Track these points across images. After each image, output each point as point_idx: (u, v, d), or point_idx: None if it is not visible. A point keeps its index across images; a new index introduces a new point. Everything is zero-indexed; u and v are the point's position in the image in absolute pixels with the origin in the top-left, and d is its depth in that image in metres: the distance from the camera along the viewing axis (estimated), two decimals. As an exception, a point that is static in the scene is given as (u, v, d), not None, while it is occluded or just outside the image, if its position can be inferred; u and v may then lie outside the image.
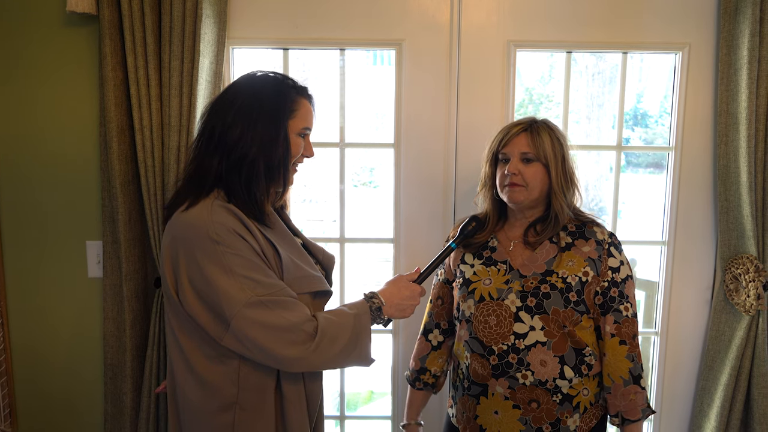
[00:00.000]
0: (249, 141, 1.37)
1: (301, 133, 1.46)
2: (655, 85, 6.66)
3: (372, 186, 6.18)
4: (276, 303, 1.30)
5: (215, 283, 1.28)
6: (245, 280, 1.29)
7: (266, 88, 1.43)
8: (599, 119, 6.93)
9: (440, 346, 1.87)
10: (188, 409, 1.41)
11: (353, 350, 1.38)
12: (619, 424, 1.66)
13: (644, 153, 5.02)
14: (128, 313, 2.10)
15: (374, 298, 1.48)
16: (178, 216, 1.36)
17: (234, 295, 1.28)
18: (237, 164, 1.38)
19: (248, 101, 1.39)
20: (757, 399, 2.12)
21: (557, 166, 1.64)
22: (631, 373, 1.63)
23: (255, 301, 1.28)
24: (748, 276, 2.07)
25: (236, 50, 2.19)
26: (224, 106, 1.41)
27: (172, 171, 2.00)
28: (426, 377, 1.88)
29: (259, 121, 1.38)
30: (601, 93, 7.04)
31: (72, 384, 2.28)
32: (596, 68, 6.78)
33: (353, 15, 2.12)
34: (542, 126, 1.66)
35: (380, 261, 5.20)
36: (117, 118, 2.00)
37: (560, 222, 1.67)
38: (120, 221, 2.04)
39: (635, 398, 1.63)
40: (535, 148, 1.63)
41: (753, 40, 1.97)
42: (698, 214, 2.22)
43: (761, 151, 2.02)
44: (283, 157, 1.42)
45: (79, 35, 2.09)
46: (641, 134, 5.40)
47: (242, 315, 1.28)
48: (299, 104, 1.45)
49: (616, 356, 1.63)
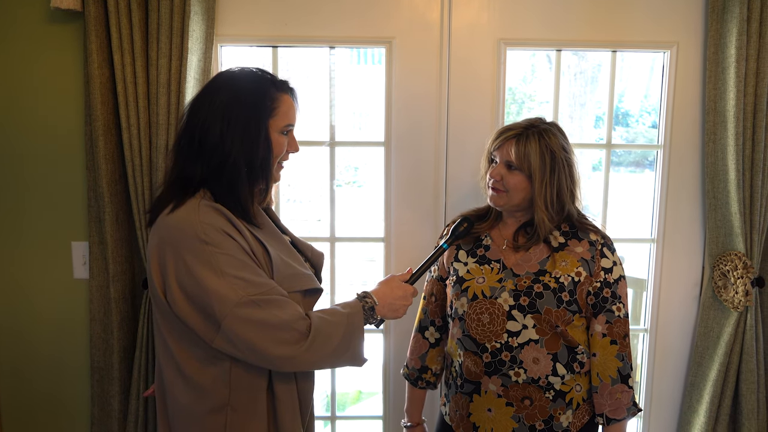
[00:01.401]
0: (229, 143, 1.34)
1: (283, 130, 1.43)
2: (636, 85, 6.73)
3: (356, 185, 6.17)
4: (268, 302, 1.28)
5: (205, 284, 1.26)
6: (236, 279, 1.27)
7: (245, 86, 1.39)
8: (581, 118, 6.98)
9: (438, 343, 1.86)
10: (178, 412, 1.38)
11: (346, 350, 1.37)
12: (604, 423, 1.66)
13: (625, 152, 5.07)
14: (115, 315, 2.06)
15: (367, 298, 1.47)
16: (164, 218, 1.33)
17: (225, 295, 1.26)
18: (218, 168, 1.35)
19: (226, 101, 1.36)
20: (745, 394, 2.14)
21: (543, 178, 1.60)
22: (619, 373, 1.63)
23: (247, 300, 1.26)
24: (736, 273, 2.09)
25: (224, 48, 2.16)
26: (202, 108, 1.37)
27: (160, 170, 1.97)
28: (428, 376, 1.87)
29: (239, 123, 1.35)
30: (583, 92, 7.09)
31: (58, 387, 2.23)
32: (578, 68, 6.83)
33: (343, 12, 2.11)
34: (534, 134, 1.61)
35: (366, 261, 5.20)
36: (103, 117, 1.97)
37: (540, 235, 1.65)
38: (107, 221, 2.01)
39: (621, 397, 1.63)
40: (519, 158, 1.61)
41: (741, 39, 1.99)
42: (686, 212, 2.24)
43: (749, 149, 2.05)
44: (264, 158, 1.39)
45: (64, 32, 2.05)
46: (622, 133, 5.46)
47: (234, 315, 1.25)
48: (280, 101, 1.42)
49: (606, 356, 1.63)
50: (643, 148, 2.74)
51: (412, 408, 1.92)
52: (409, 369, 1.90)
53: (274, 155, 1.41)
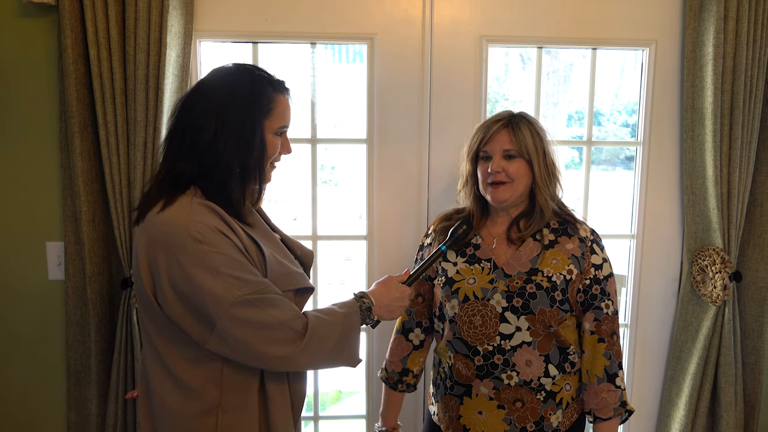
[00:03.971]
0: (223, 143, 1.31)
1: (277, 132, 1.40)
2: (607, 85, 6.83)
3: (333, 184, 6.14)
4: (263, 300, 1.26)
5: (199, 283, 1.23)
6: (231, 278, 1.25)
7: (241, 85, 1.35)
8: (554, 117, 7.05)
9: (422, 345, 1.82)
10: (165, 415, 1.35)
11: (342, 350, 1.35)
12: (591, 421, 1.66)
13: (597, 150, 5.13)
14: (93, 317, 2.01)
15: (364, 298, 1.45)
16: (154, 216, 1.29)
17: (220, 294, 1.23)
18: (210, 167, 1.32)
19: (222, 100, 1.32)
20: (723, 387, 2.17)
21: (539, 160, 1.62)
22: (606, 372, 1.62)
23: (242, 300, 1.24)
24: (714, 267, 2.12)
25: (204, 43, 2.13)
26: (196, 105, 1.33)
27: (138, 168, 1.93)
28: (408, 378, 1.82)
29: (234, 123, 1.32)
30: (556, 92, 7.16)
31: (32, 391, 2.17)
32: (551, 67, 6.89)
33: (325, 8, 2.08)
34: (522, 120, 1.64)
35: (343, 260, 5.18)
36: (79, 114, 1.92)
37: (545, 216, 1.65)
38: (83, 221, 1.96)
39: (607, 397, 1.62)
40: (518, 143, 1.61)
41: (718, 37, 2.02)
42: (665, 208, 2.27)
43: (726, 146, 2.08)
44: (258, 159, 1.36)
45: (37, 26, 1.99)
46: (595, 132, 5.52)
47: (229, 315, 1.23)
48: (276, 102, 1.38)
49: (593, 354, 1.63)
50: (622, 144, 2.79)
51: (388, 412, 1.86)
52: (389, 372, 1.83)
53: (267, 156, 1.38)
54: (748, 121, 2.08)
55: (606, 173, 7.53)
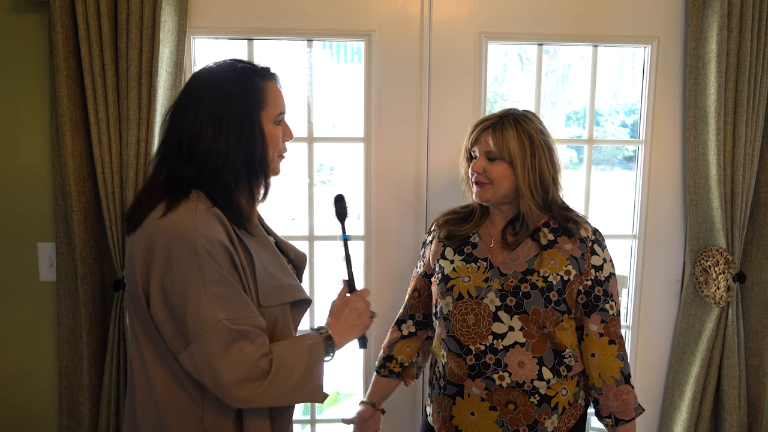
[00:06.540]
0: (224, 147, 1.27)
1: (276, 120, 1.36)
2: (605, 85, 6.83)
3: (331, 185, 6.12)
4: (241, 333, 1.22)
5: (186, 297, 1.20)
6: (217, 299, 1.21)
7: (229, 82, 1.31)
8: (552, 117, 7.04)
9: (410, 336, 1.83)
10: (149, 425, 1.31)
11: (306, 384, 1.31)
12: (612, 425, 1.63)
13: (595, 149, 5.12)
14: (85, 319, 1.97)
15: (322, 329, 1.42)
16: (156, 221, 1.24)
17: (202, 314, 1.19)
18: (213, 173, 1.28)
19: (212, 103, 1.28)
20: (727, 390, 2.14)
21: (524, 164, 1.58)
22: (622, 373, 1.60)
23: (221, 327, 1.20)
24: (718, 268, 2.09)
25: (198, 40, 2.09)
26: (187, 112, 1.29)
27: (131, 167, 1.89)
28: (392, 365, 1.81)
29: (230, 123, 1.28)
30: (554, 91, 7.16)
31: (23, 395, 2.13)
32: (549, 67, 6.89)
33: (322, 4, 2.05)
34: (509, 122, 1.60)
35: (341, 260, 5.14)
36: (70, 112, 1.88)
37: (530, 224, 1.62)
38: (75, 221, 1.92)
39: (627, 398, 1.61)
40: (498, 146, 1.59)
41: (721, 34, 1.98)
42: (667, 208, 2.24)
43: (730, 145, 2.04)
44: (262, 153, 1.33)
45: (27, 22, 1.95)
46: (594, 132, 5.52)
47: (205, 339, 1.20)
48: (267, 90, 1.35)
49: (606, 356, 1.60)
50: (624, 143, 2.74)
51: (372, 390, 1.85)
52: (378, 358, 1.86)
53: (270, 148, 1.35)
54: (752, 119, 2.05)
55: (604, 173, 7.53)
